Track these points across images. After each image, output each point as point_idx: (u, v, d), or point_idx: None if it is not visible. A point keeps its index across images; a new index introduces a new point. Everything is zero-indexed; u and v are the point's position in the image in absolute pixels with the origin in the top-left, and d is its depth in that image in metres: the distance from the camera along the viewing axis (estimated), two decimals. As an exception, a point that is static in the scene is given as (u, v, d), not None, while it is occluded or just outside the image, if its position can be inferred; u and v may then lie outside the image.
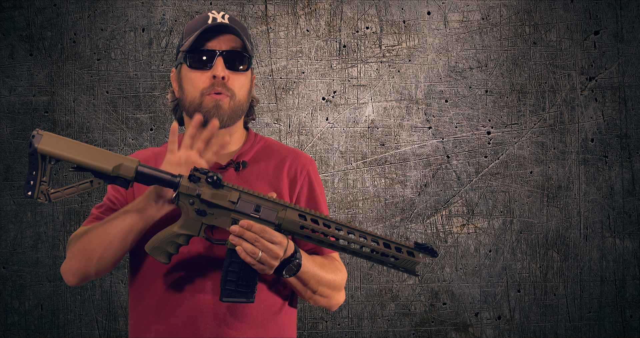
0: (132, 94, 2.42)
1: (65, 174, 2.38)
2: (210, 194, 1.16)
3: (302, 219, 1.17)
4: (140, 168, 1.16)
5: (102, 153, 1.16)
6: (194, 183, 1.16)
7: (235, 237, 1.14)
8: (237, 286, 1.18)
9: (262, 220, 1.16)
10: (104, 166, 1.15)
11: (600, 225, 2.47)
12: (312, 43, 2.46)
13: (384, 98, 2.47)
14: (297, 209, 1.17)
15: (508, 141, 2.48)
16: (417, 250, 1.18)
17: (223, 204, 1.16)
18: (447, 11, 2.48)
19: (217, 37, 1.32)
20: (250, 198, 1.17)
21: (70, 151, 1.15)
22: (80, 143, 1.16)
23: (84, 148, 1.15)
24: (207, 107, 1.30)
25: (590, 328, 2.46)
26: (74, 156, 1.15)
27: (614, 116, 2.49)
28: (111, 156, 1.16)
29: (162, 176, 1.17)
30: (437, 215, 2.46)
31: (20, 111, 2.41)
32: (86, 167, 1.15)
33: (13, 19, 2.41)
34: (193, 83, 1.32)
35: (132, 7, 2.44)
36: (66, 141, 1.15)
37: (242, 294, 1.19)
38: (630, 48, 2.49)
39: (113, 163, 1.15)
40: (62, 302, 2.38)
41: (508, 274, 2.46)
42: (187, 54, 1.33)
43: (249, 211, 1.17)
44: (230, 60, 1.31)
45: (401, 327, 2.44)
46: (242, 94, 1.34)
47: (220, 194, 1.17)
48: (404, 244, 1.18)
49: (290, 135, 2.44)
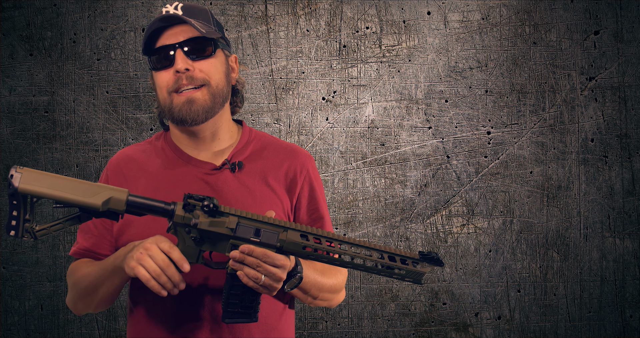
0: (132, 94, 2.42)
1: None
2: (208, 223, 1.10)
3: (304, 239, 1.13)
4: (131, 199, 1.09)
5: (89, 187, 1.07)
6: (189, 211, 1.10)
7: (235, 263, 1.10)
8: (240, 308, 1.15)
9: (263, 244, 1.12)
10: (92, 201, 1.07)
11: (600, 225, 2.47)
12: (312, 43, 2.46)
13: (384, 98, 2.47)
14: (299, 230, 1.13)
15: (508, 141, 2.48)
16: (422, 261, 1.15)
17: (221, 232, 1.11)
18: (447, 11, 2.48)
19: (172, 31, 1.25)
20: (249, 222, 1.12)
21: (54, 188, 1.06)
22: (62, 176, 1.08)
23: (68, 183, 1.07)
24: (179, 106, 1.23)
25: (590, 328, 2.46)
26: (59, 194, 1.06)
27: (614, 116, 2.49)
28: (98, 189, 1.08)
29: (154, 205, 1.10)
30: (437, 215, 2.46)
31: (20, 111, 2.41)
32: (73, 204, 1.07)
33: (13, 19, 2.41)
34: (160, 85, 1.26)
35: (132, 7, 2.44)
36: (48, 177, 1.06)
37: (245, 315, 1.16)
38: (630, 48, 2.49)
39: (101, 198, 1.07)
40: (62, 302, 2.38)
41: (508, 274, 2.46)
42: (149, 58, 1.27)
43: (249, 236, 1.12)
44: (192, 49, 1.24)
45: (401, 327, 2.44)
46: (218, 78, 1.26)
47: (218, 222, 1.11)
48: (409, 255, 1.14)
49: (290, 135, 2.44)
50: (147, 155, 1.35)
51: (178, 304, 1.25)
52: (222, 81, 1.28)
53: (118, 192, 1.08)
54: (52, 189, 1.06)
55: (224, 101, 1.30)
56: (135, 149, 1.37)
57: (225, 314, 1.16)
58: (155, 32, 1.26)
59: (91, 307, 1.31)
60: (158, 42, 1.26)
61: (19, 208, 1.06)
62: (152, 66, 1.28)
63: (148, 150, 1.36)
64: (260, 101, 2.44)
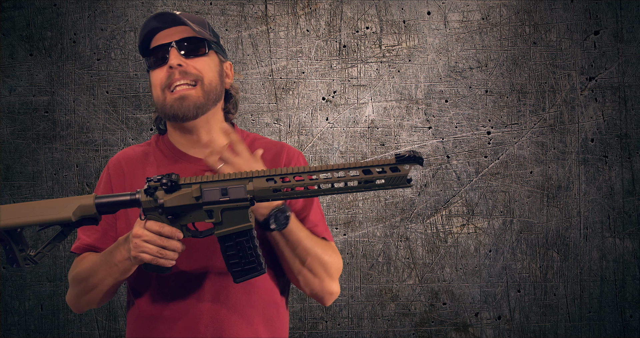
0: (132, 94, 2.42)
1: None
2: (172, 199, 1.13)
3: (271, 182, 1.11)
4: (98, 201, 1.15)
5: (57, 204, 1.15)
6: (151, 195, 1.13)
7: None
8: (244, 265, 1.16)
9: (233, 201, 1.12)
10: (63, 216, 1.14)
11: (600, 225, 2.47)
12: (312, 43, 2.46)
13: (384, 98, 2.47)
14: (263, 176, 1.12)
15: (508, 141, 2.48)
16: (400, 163, 1.07)
17: (189, 203, 1.13)
18: (447, 11, 2.48)
19: (167, 32, 1.29)
20: (212, 185, 1.13)
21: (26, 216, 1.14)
22: (33, 202, 1.16)
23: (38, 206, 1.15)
24: (171, 102, 1.26)
25: (590, 328, 2.46)
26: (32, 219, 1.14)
27: (614, 116, 2.49)
28: (66, 203, 1.15)
29: (121, 200, 1.15)
30: (437, 215, 2.46)
31: (20, 111, 2.41)
32: (50, 224, 1.15)
33: (13, 19, 2.41)
34: (154, 83, 1.29)
35: (132, 7, 2.44)
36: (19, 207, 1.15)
37: (252, 269, 1.17)
38: (630, 48, 2.49)
39: (70, 210, 1.14)
40: (62, 302, 2.38)
41: (508, 274, 2.46)
42: (146, 59, 1.30)
43: (217, 197, 1.13)
44: (186, 48, 1.27)
45: (401, 327, 2.44)
46: (211, 75, 1.29)
47: (182, 195, 1.13)
48: (384, 163, 1.08)
49: (290, 135, 2.44)
50: (146, 154, 1.38)
51: (179, 305, 1.26)
52: (215, 79, 1.31)
53: (84, 199, 1.15)
54: (27, 217, 1.14)
55: (216, 99, 1.32)
56: (135, 150, 1.41)
57: (234, 276, 1.17)
58: (151, 32, 1.29)
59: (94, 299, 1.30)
60: (153, 42, 1.30)
61: (9, 242, 1.16)
62: (148, 65, 1.31)
63: (147, 150, 1.39)
64: (260, 101, 2.44)
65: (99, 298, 1.30)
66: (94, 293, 1.28)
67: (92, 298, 1.30)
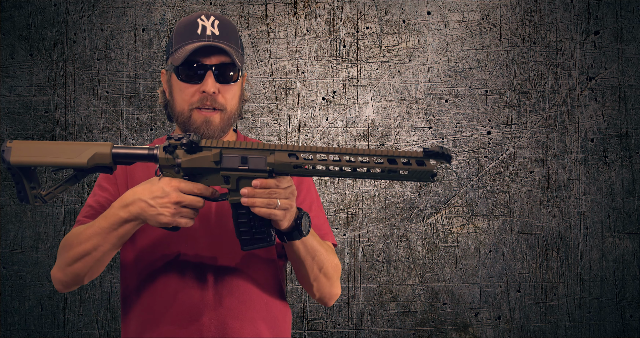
0: (132, 94, 2.42)
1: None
2: (191, 160, 1.12)
3: (293, 158, 1.09)
4: (115, 150, 1.15)
5: (74, 147, 1.15)
6: (170, 153, 1.13)
7: (247, 199, 1.09)
8: (253, 235, 1.15)
9: (252, 171, 1.10)
10: (78, 161, 1.14)
11: (600, 225, 2.47)
12: (312, 43, 2.46)
13: (384, 98, 2.47)
14: (286, 150, 1.09)
15: (508, 141, 2.48)
16: (427, 157, 1.03)
17: (207, 166, 1.12)
18: (447, 11, 2.48)
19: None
20: (233, 151, 1.11)
21: (43, 155, 1.14)
22: (50, 142, 1.15)
23: (55, 147, 1.15)
24: (197, 124, 1.28)
25: (590, 328, 2.46)
26: (47, 159, 1.14)
27: (614, 116, 2.49)
28: (83, 148, 1.14)
29: (138, 153, 1.15)
30: (437, 215, 2.46)
31: (20, 111, 2.41)
32: (64, 166, 1.15)
33: (13, 19, 2.41)
34: (182, 95, 1.29)
35: (132, 7, 2.44)
36: (36, 145, 1.15)
37: (261, 240, 1.16)
38: (630, 48, 2.49)
39: (86, 156, 1.14)
40: (62, 302, 2.38)
41: (508, 274, 2.46)
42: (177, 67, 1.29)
43: (236, 165, 1.11)
44: (221, 74, 1.28)
45: (401, 327, 2.44)
46: (233, 104, 1.31)
47: (201, 157, 1.12)
48: (411, 155, 1.04)
49: (290, 135, 2.44)
50: None
51: (181, 300, 1.27)
52: (236, 106, 1.33)
53: (102, 147, 1.15)
54: (41, 157, 1.14)
55: (234, 122, 1.35)
56: None
57: (242, 243, 1.17)
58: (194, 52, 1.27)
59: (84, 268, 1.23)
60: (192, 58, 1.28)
61: (21, 178, 1.15)
62: (178, 75, 1.29)
63: None
64: (260, 101, 2.44)
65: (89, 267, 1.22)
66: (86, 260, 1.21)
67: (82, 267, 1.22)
